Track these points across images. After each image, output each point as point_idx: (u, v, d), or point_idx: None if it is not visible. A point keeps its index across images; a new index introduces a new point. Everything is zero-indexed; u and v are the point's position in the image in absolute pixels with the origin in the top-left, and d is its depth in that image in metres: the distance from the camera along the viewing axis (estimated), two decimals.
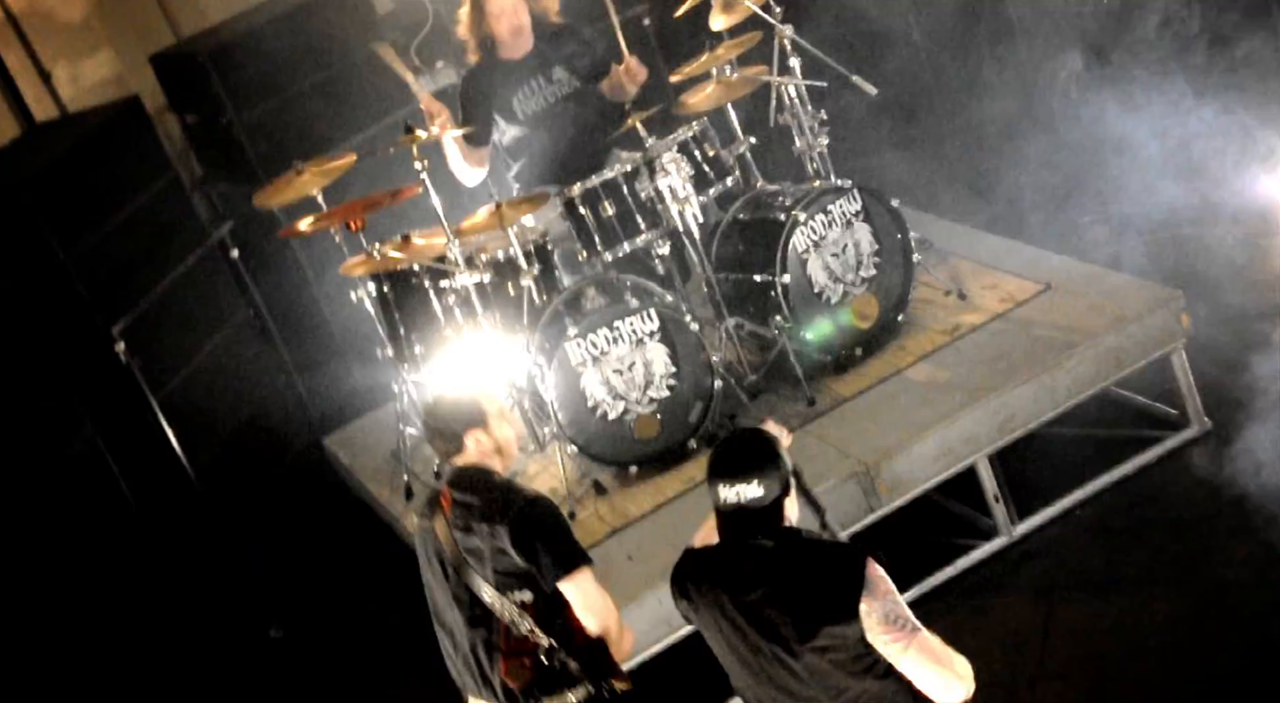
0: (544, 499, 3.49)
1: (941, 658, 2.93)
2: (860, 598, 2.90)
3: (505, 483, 3.52)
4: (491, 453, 3.56)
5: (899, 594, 2.96)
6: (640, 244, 5.08)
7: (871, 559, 2.95)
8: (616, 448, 4.93)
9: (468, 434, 3.53)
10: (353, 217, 5.14)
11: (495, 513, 3.41)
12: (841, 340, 5.10)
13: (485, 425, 3.55)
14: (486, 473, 3.53)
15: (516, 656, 3.44)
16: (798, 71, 5.20)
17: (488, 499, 3.45)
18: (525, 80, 5.50)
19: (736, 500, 3.00)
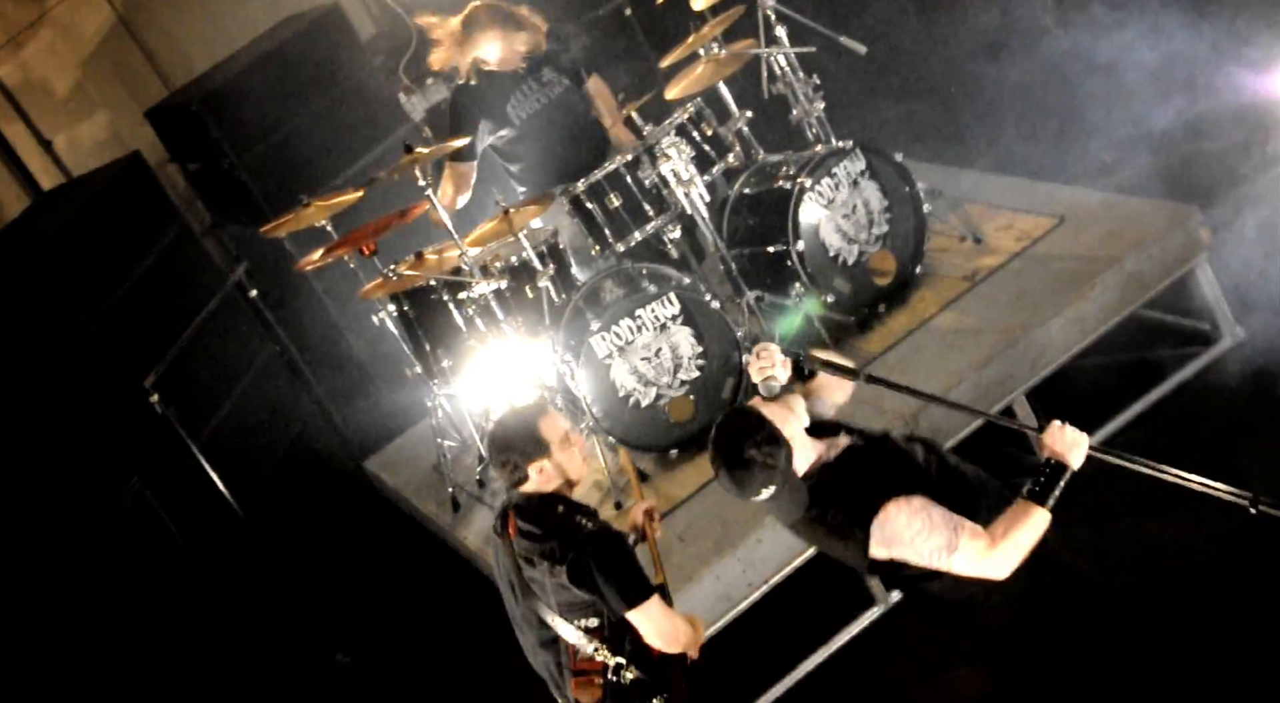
0: (603, 534, 3.45)
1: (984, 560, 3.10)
2: (869, 551, 3.12)
3: (566, 518, 3.47)
4: (557, 479, 3.54)
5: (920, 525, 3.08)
6: (651, 231, 5.09)
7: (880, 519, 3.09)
8: (654, 434, 4.95)
9: (531, 466, 3.50)
10: (364, 242, 5.18)
11: (554, 551, 3.43)
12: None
13: (549, 455, 3.51)
14: (550, 504, 3.51)
15: (585, 674, 3.48)
16: (785, 40, 5.20)
17: (547, 535, 3.46)
18: (516, 85, 5.52)
19: (764, 500, 3.16)
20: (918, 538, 3.11)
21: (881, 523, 3.12)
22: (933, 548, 3.10)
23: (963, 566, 3.12)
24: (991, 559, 3.11)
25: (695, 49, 5.28)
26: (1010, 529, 3.12)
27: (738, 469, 3.15)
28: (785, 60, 5.20)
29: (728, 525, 4.54)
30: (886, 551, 3.14)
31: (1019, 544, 3.12)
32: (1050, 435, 3.19)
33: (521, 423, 3.58)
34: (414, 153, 4.98)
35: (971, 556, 3.11)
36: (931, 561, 3.11)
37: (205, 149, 6.88)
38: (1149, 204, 4.99)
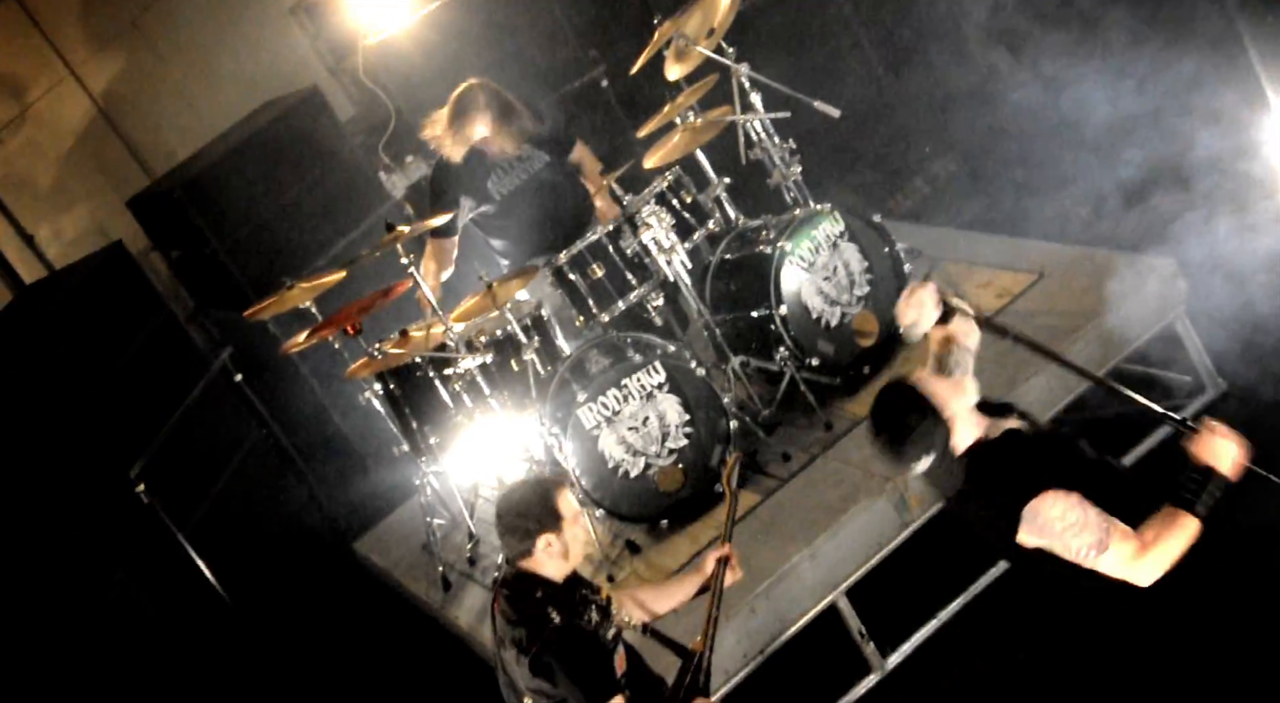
0: (568, 632, 3.40)
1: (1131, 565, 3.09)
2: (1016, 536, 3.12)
3: (539, 606, 3.43)
4: (558, 557, 3.49)
5: (1074, 520, 3.06)
6: (634, 300, 5.11)
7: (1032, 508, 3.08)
8: (644, 505, 4.92)
9: (540, 537, 3.46)
10: (348, 322, 5.18)
11: (521, 641, 3.41)
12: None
13: (559, 530, 3.48)
14: (530, 588, 3.48)
15: None
16: (760, 106, 5.25)
17: (521, 622, 3.44)
18: (497, 162, 5.56)
19: (918, 474, 3.22)
20: (1068, 532, 3.09)
21: (1035, 511, 3.11)
22: (1082, 545, 3.09)
23: (1110, 567, 3.10)
24: (1139, 565, 3.10)
25: (672, 118, 5.34)
26: (1160, 537, 3.11)
27: (895, 440, 3.17)
28: (761, 126, 5.26)
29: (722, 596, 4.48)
30: (1035, 539, 3.13)
31: (1168, 551, 3.10)
32: (1198, 442, 3.14)
33: (540, 492, 3.54)
34: (395, 231, 5.00)
35: (1120, 558, 3.09)
36: (1079, 557, 3.10)
37: (187, 236, 6.90)
38: (1126, 258, 5.02)
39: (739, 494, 4.06)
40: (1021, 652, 4.38)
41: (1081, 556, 3.10)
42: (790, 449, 5.00)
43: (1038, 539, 3.13)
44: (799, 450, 4.98)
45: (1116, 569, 3.11)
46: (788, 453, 4.99)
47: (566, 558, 3.51)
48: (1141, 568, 3.11)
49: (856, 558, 4.51)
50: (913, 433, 3.16)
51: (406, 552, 5.95)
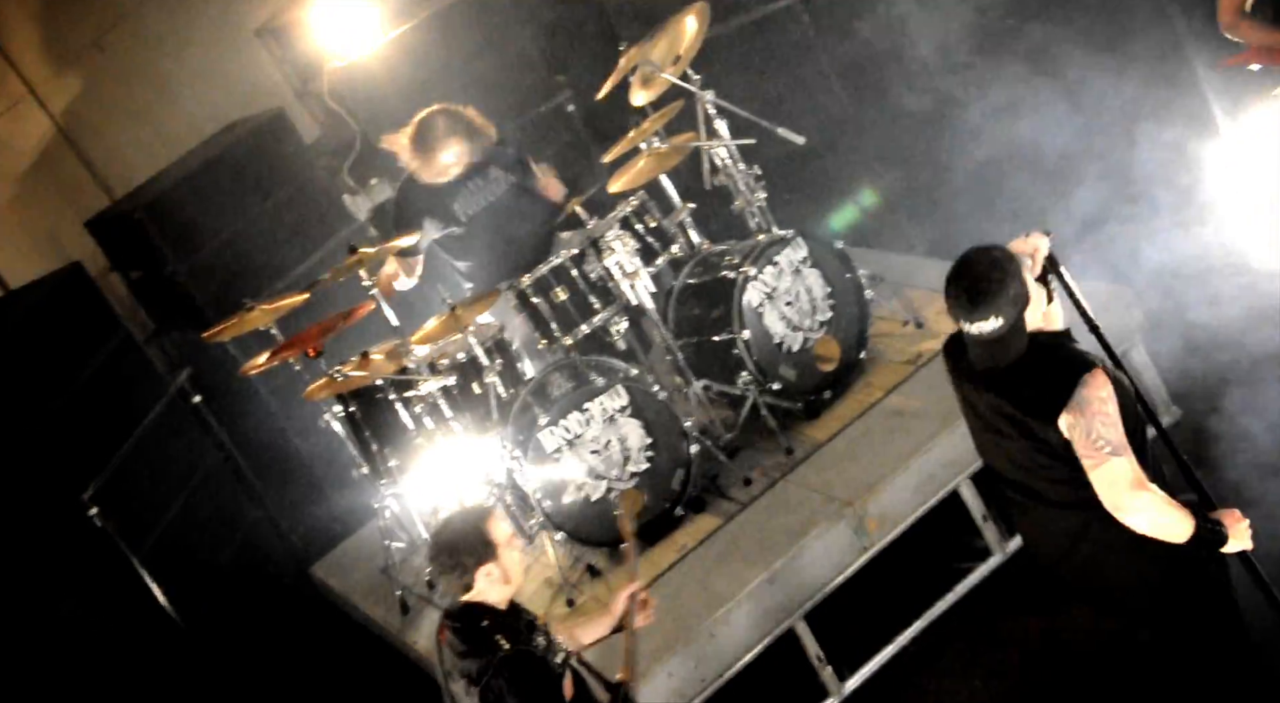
0: (517, 659, 3.38)
1: (1123, 487, 3.11)
2: (1062, 410, 3.12)
3: (486, 635, 3.41)
4: (499, 583, 3.48)
5: (1112, 413, 3.11)
6: (598, 323, 5.12)
7: (1092, 376, 3.12)
8: (605, 528, 4.90)
9: (480, 570, 3.45)
10: (309, 344, 5.16)
11: (471, 672, 3.38)
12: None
13: (496, 557, 3.47)
14: (475, 618, 3.46)
15: None
16: (725, 132, 5.29)
17: (470, 653, 3.41)
18: (463, 184, 5.57)
19: (978, 333, 3.20)
20: (1099, 418, 3.11)
21: (1085, 384, 3.12)
22: (1103, 437, 3.12)
23: (1106, 478, 3.13)
24: (1133, 494, 3.14)
25: (637, 143, 5.36)
26: (1165, 502, 3.17)
27: (975, 291, 3.16)
28: (726, 152, 5.29)
29: (680, 621, 4.49)
30: (1069, 421, 3.13)
31: (1161, 514, 3.16)
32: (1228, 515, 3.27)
33: (468, 524, 3.52)
34: (358, 253, 5.00)
35: (1120, 476, 3.12)
36: (1093, 449, 3.12)
37: (147, 257, 6.85)
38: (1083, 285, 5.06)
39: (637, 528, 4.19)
40: (978, 677, 4.40)
41: (1098, 448, 3.12)
42: (751, 473, 5.01)
43: (1071, 419, 3.13)
44: (760, 475, 4.99)
45: (1109, 487, 3.14)
46: (749, 477, 5.00)
47: (508, 583, 3.50)
48: (1133, 499, 3.14)
49: (815, 583, 4.52)
50: (995, 289, 3.15)
51: (365, 575, 5.90)
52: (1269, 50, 4.70)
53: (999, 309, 3.16)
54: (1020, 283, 3.20)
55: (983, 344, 3.24)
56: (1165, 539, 3.20)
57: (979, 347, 3.27)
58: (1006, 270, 3.19)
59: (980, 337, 3.22)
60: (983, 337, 3.21)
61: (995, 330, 3.18)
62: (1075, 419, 3.14)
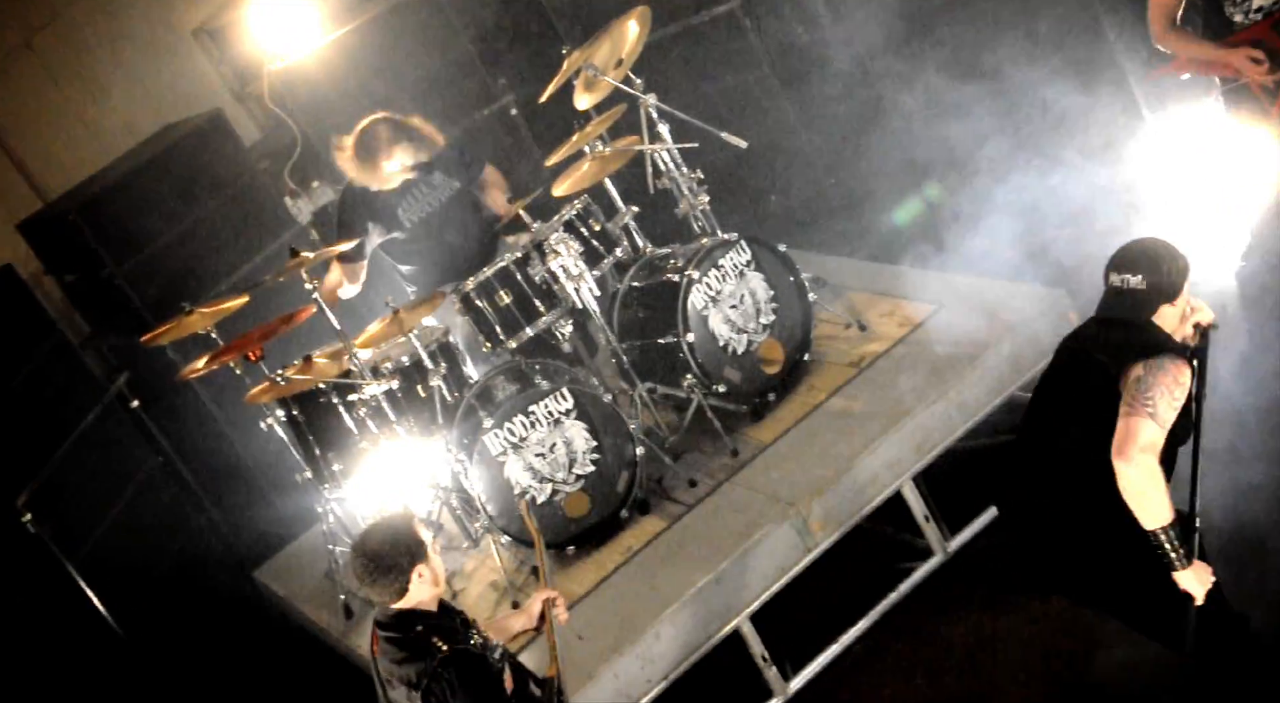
0: (458, 658, 3.38)
1: (1138, 442, 3.27)
2: (1140, 361, 3.33)
3: (423, 638, 3.41)
4: (429, 585, 3.47)
5: (1177, 399, 3.30)
6: (542, 326, 5.12)
7: (1181, 361, 3.34)
8: (550, 531, 4.90)
9: (414, 571, 3.43)
10: (250, 347, 5.12)
11: (410, 677, 3.37)
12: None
13: (426, 558, 3.46)
14: (409, 622, 3.45)
15: None
16: (668, 136, 5.32)
17: (405, 658, 3.40)
18: (407, 189, 5.55)
19: (1120, 285, 3.48)
20: (1163, 386, 3.30)
21: (1172, 360, 3.33)
22: (1155, 400, 3.29)
23: (1131, 428, 3.28)
24: (1140, 452, 3.27)
25: (580, 147, 5.38)
26: (1163, 481, 3.31)
27: (1140, 249, 3.48)
28: (669, 156, 5.32)
29: (626, 622, 4.50)
30: (1139, 371, 3.33)
31: (1153, 485, 3.29)
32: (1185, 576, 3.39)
33: (396, 527, 3.51)
34: (299, 256, 4.96)
35: (1144, 433, 3.27)
36: (1140, 401, 3.30)
37: (83, 260, 6.73)
38: (1020, 288, 5.18)
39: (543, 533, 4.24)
40: (920, 675, 4.46)
41: (1144, 402, 3.29)
42: (696, 476, 5.04)
43: (1140, 374, 3.32)
44: (705, 477, 5.03)
45: (1133, 436, 3.28)
46: (694, 479, 5.03)
47: (437, 585, 3.50)
48: (1140, 455, 3.27)
49: (760, 583, 4.55)
50: (1150, 254, 3.46)
51: (308, 580, 5.85)
52: (1196, 62, 4.82)
53: (1145, 267, 3.43)
54: (1172, 275, 3.44)
55: (1115, 294, 3.49)
56: (1138, 513, 3.31)
57: (1112, 297, 3.51)
58: (1168, 255, 3.46)
59: (1118, 289, 3.48)
60: (1119, 289, 3.47)
61: (1135, 286, 3.44)
62: (1143, 374, 3.33)
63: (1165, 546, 3.33)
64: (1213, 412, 3.56)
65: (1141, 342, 3.40)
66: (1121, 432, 3.30)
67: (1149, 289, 3.43)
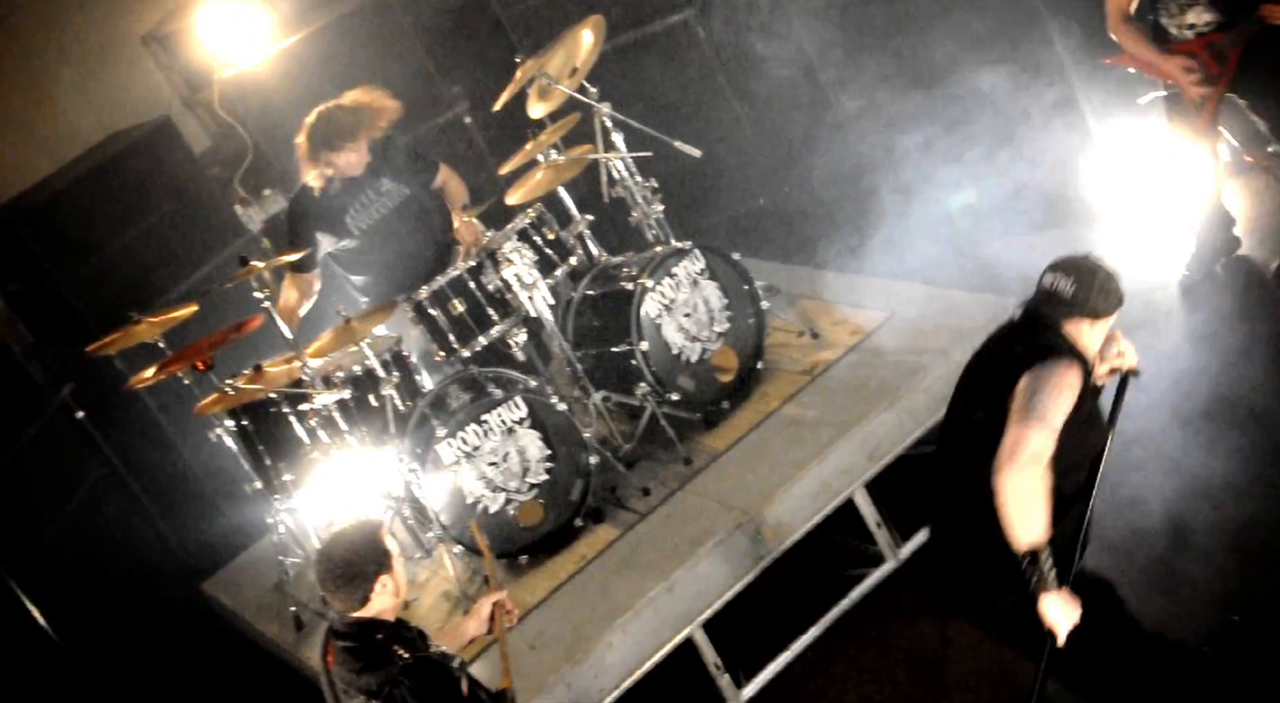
0: (419, 666, 3.36)
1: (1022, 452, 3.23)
2: (1028, 370, 3.30)
3: (382, 647, 3.38)
4: (391, 595, 3.45)
5: (1065, 401, 3.27)
6: (496, 335, 5.11)
7: (1072, 364, 3.31)
8: (503, 540, 4.89)
9: (378, 580, 3.41)
10: (199, 357, 5.06)
11: (370, 687, 3.35)
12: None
13: (391, 568, 3.44)
14: (369, 631, 3.42)
15: None
16: (622, 145, 5.33)
17: (364, 668, 3.37)
18: (355, 196, 5.51)
19: (1048, 286, 3.45)
20: (1051, 390, 3.27)
21: (1062, 363, 3.31)
22: (1042, 406, 3.26)
23: (1017, 437, 3.24)
24: (1022, 464, 3.23)
25: (534, 155, 5.37)
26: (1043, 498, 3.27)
27: (1077, 260, 3.45)
28: (623, 164, 5.33)
29: (579, 631, 4.49)
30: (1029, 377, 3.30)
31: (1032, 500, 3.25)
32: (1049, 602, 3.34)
33: (364, 535, 3.49)
34: (249, 265, 4.93)
35: (1029, 442, 3.23)
36: (1027, 408, 3.26)
37: (27, 268, 6.62)
38: (971, 298, 5.23)
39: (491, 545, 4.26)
40: (870, 682, 4.48)
41: (1030, 408, 3.26)
42: (650, 484, 5.04)
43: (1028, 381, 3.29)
44: (659, 485, 5.03)
45: (1018, 445, 3.24)
46: (647, 488, 5.03)
47: (399, 596, 3.49)
48: (1023, 467, 3.23)
49: (713, 591, 4.56)
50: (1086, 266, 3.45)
51: (258, 592, 5.79)
52: (1139, 60, 4.90)
53: (1079, 277, 3.41)
54: (1101, 295, 3.41)
55: (1041, 294, 3.47)
56: (1011, 529, 3.27)
57: (1036, 296, 3.48)
58: (1105, 277, 3.44)
59: (1045, 288, 3.45)
60: (1046, 288, 3.44)
61: (1060, 292, 3.41)
62: (1030, 381, 3.30)
63: (1033, 567, 3.27)
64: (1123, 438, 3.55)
65: (1039, 346, 3.37)
66: (1008, 443, 3.26)
67: (1073, 297, 3.40)
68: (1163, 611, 4.01)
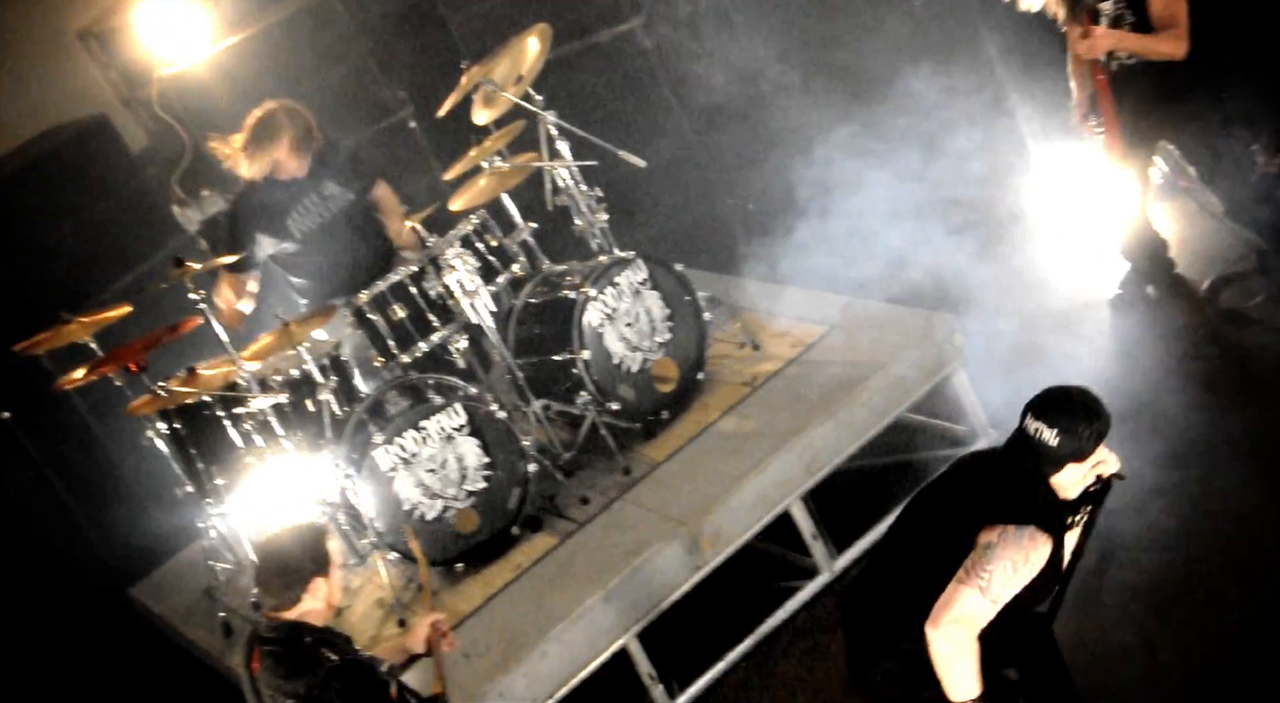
0: (347, 669, 3.34)
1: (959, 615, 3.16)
2: (997, 523, 3.20)
3: (311, 651, 3.36)
4: (323, 601, 3.43)
5: (1019, 577, 3.17)
6: (436, 341, 5.08)
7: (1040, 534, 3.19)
8: (439, 548, 4.85)
9: (313, 583, 3.38)
10: (131, 358, 4.98)
11: (298, 691, 3.32)
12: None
13: (329, 574, 3.42)
14: (296, 635, 3.39)
15: None
16: (567, 153, 5.32)
17: (291, 672, 3.34)
18: (298, 199, 5.45)
19: (1033, 434, 3.27)
20: (1008, 562, 3.17)
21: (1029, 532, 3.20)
22: (993, 574, 3.17)
23: (957, 598, 3.18)
24: (958, 627, 3.17)
25: (479, 162, 5.35)
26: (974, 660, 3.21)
27: (1065, 420, 3.23)
28: (568, 173, 5.32)
29: (513, 640, 4.47)
30: (992, 535, 3.20)
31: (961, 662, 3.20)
32: None
33: (310, 536, 3.48)
34: (184, 266, 4.86)
35: (968, 608, 3.17)
36: (978, 571, 3.18)
37: None
38: (910, 313, 5.28)
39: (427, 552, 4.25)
40: (803, 694, 4.51)
41: (980, 574, 3.17)
42: (589, 493, 5.04)
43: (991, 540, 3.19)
44: (597, 494, 5.02)
45: (956, 605, 3.17)
46: (586, 497, 5.02)
47: (331, 604, 3.46)
48: (956, 631, 3.17)
49: (649, 601, 4.55)
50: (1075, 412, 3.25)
51: (187, 597, 5.70)
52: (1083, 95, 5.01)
53: (1063, 426, 3.23)
54: (1087, 438, 3.24)
55: (1025, 440, 3.30)
56: (944, 683, 3.22)
57: (1021, 441, 3.31)
58: (1089, 414, 3.25)
59: (1029, 435, 3.27)
60: (1030, 437, 3.27)
61: (1044, 444, 3.24)
62: (993, 541, 3.19)
63: None
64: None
65: (1016, 504, 3.25)
66: (944, 597, 3.18)
67: (1059, 447, 3.23)
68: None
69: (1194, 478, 4.48)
